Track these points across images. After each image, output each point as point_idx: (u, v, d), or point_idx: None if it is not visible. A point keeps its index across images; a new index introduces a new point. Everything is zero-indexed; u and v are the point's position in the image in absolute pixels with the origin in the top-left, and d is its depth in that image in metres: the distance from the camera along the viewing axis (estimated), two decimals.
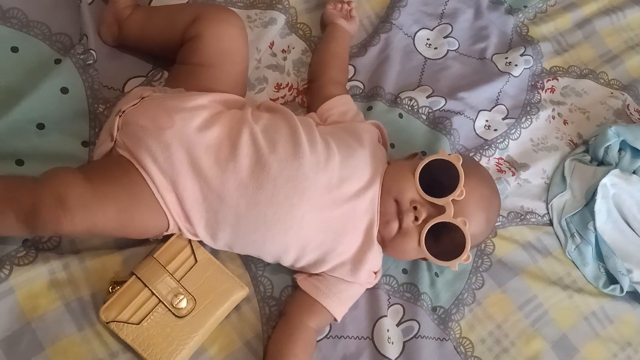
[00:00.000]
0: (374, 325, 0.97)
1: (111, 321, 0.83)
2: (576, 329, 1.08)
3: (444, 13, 1.30)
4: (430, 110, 1.16)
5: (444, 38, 1.27)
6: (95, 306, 0.86)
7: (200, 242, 0.91)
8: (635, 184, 1.17)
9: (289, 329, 0.90)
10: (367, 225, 0.91)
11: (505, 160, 1.20)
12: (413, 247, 0.91)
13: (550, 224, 1.18)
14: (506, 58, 1.28)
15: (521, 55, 1.28)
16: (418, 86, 1.20)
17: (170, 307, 0.86)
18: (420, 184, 0.90)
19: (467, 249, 0.90)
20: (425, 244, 0.90)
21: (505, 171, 1.18)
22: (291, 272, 0.96)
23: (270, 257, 0.92)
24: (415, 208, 0.90)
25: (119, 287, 0.86)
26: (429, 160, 0.91)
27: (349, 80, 1.16)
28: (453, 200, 0.88)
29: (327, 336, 0.95)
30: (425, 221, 0.89)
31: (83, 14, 0.99)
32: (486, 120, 1.21)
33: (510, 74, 1.25)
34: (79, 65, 0.96)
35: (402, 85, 1.19)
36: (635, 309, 1.14)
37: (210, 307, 0.88)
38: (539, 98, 1.28)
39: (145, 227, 0.86)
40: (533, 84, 1.29)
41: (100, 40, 1.01)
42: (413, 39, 1.25)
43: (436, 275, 1.05)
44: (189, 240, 0.90)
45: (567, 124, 1.28)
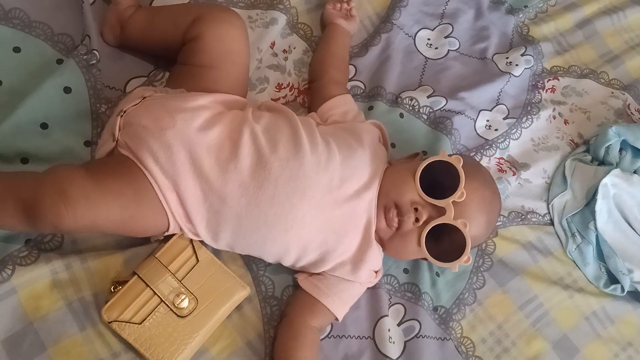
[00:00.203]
0: (375, 325, 0.97)
1: (113, 321, 0.83)
2: (577, 329, 1.08)
3: (445, 13, 1.30)
4: (431, 110, 1.17)
5: (445, 38, 1.28)
6: (97, 306, 0.86)
7: (201, 242, 0.91)
8: (636, 184, 1.17)
9: (294, 332, 0.90)
10: (365, 225, 0.91)
11: (506, 160, 1.20)
12: (413, 248, 0.92)
13: (551, 223, 1.18)
14: (507, 58, 1.28)
15: (522, 55, 1.29)
16: (419, 86, 1.20)
17: (172, 307, 0.86)
18: (421, 185, 0.90)
19: (467, 251, 0.90)
20: (425, 245, 0.90)
21: (506, 171, 1.18)
22: (292, 272, 0.97)
23: (271, 258, 0.92)
24: (416, 209, 0.90)
25: (120, 287, 0.86)
26: (429, 162, 0.91)
27: (350, 80, 1.16)
28: (453, 202, 0.88)
29: (329, 336, 0.95)
30: (426, 222, 0.89)
31: (85, 15, 1.00)
32: (487, 120, 1.21)
33: (511, 73, 1.25)
34: (82, 65, 0.96)
35: (403, 85, 1.19)
36: (636, 309, 1.14)
37: (212, 307, 0.88)
38: (539, 98, 1.28)
39: (146, 225, 0.86)
40: (534, 83, 1.29)
41: (102, 41, 1.01)
42: (414, 39, 1.25)
43: (437, 275, 1.05)
44: (191, 240, 0.90)
45: (568, 123, 1.28)
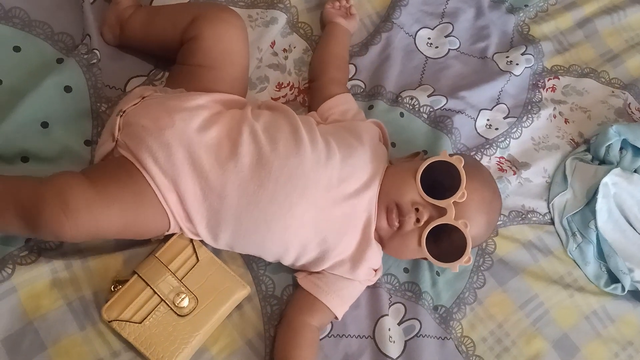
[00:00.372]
0: (376, 324, 0.97)
1: (113, 320, 0.84)
2: (577, 328, 1.08)
3: (445, 12, 1.30)
4: (431, 109, 1.17)
5: (445, 37, 1.27)
6: (97, 305, 0.86)
7: (201, 242, 0.91)
8: (636, 183, 1.17)
9: (293, 331, 0.90)
10: (365, 223, 0.91)
11: (506, 159, 1.20)
12: (413, 248, 0.91)
13: (552, 223, 1.18)
14: (507, 57, 1.28)
15: (522, 54, 1.28)
16: (419, 85, 1.20)
17: (172, 306, 0.86)
18: (422, 185, 0.90)
19: (468, 251, 0.90)
20: (425, 245, 0.90)
21: (506, 170, 1.18)
22: (292, 272, 0.97)
23: (271, 257, 0.92)
24: (417, 210, 0.90)
25: (121, 286, 0.86)
26: (431, 162, 0.91)
27: (350, 79, 1.16)
28: (454, 202, 0.88)
29: (329, 335, 0.95)
30: (427, 223, 0.89)
31: (86, 14, 1.00)
32: (487, 119, 1.21)
33: (512, 73, 1.25)
34: (83, 64, 0.96)
35: (403, 84, 1.19)
36: (637, 309, 1.14)
37: (212, 306, 0.88)
38: (540, 97, 1.28)
39: (147, 227, 0.86)
40: (534, 83, 1.29)
41: (102, 40, 1.01)
42: (414, 38, 1.25)
43: (437, 274, 1.05)
44: (191, 239, 0.90)
45: (568, 123, 1.28)
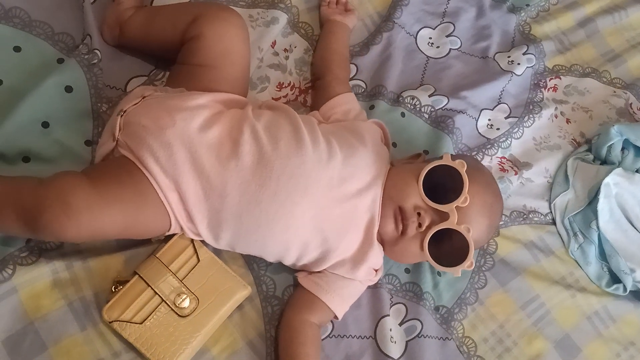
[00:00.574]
0: (377, 325, 0.97)
1: (114, 321, 0.83)
2: (579, 328, 1.08)
3: (446, 12, 1.30)
4: (432, 109, 1.16)
5: (446, 37, 1.27)
6: (98, 306, 0.86)
7: (202, 242, 0.91)
8: (638, 183, 1.17)
9: (294, 331, 0.90)
10: (367, 224, 0.91)
11: (507, 159, 1.20)
12: (415, 252, 0.91)
13: (553, 223, 1.18)
14: (509, 57, 1.28)
15: (524, 54, 1.28)
16: (420, 85, 1.20)
17: (173, 307, 0.86)
18: (424, 189, 0.89)
19: (471, 256, 0.89)
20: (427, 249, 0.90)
21: (507, 170, 1.18)
22: (293, 272, 0.96)
23: (272, 257, 0.92)
24: (419, 214, 0.89)
25: (121, 287, 0.86)
26: (433, 166, 0.90)
27: (351, 79, 1.15)
28: (457, 207, 0.88)
29: (330, 335, 0.95)
30: (429, 227, 0.89)
31: (86, 14, 1.00)
32: (489, 119, 1.21)
33: (513, 72, 1.25)
34: (84, 64, 0.96)
35: (404, 84, 1.19)
36: (638, 309, 1.13)
37: (213, 307, 0.88)
38: (541, 97, 1.27)
39: (148, 227, 0.86)
40: (536, 82, 1.29)
41: (102, 40, 1.01)
42: (415, 38, 1.25)
43: (439, 274, 1.05)
44: (192, 239, 0.90)
45: (570, 122, 1.27)
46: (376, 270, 0.95)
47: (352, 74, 1.16)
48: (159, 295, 0.86)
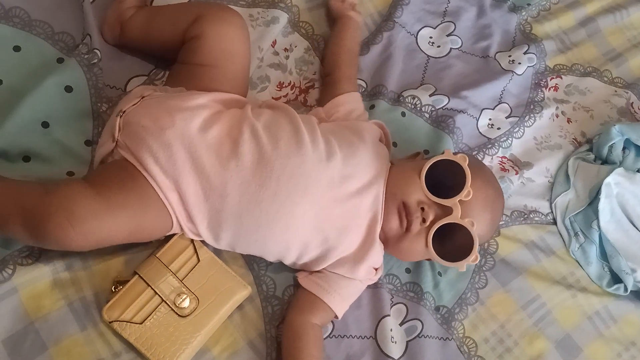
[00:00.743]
0: (377, 325, 0.97)
1: (114, 321, 0.83)
2: (580, 328, 1.08)
3: (447, 11, 1.30)
4: (433, 109, 1.16)
5: (447, 36, 1.27)
6: (98, 306, 0.86)
7: (202, 242, 0.91)
8: (639, 183, 1.16)
9: (297, 333, 0.89)
10: (370, 222, 0.91)
11: (508, 159, 1.20)
12: (420, 249, 0.91)
13: (554, 223, 1.17)
14: (509, 56, 1.28)
15: (525, 53, 1.28)
16: (421, 84, 1.20)
17: (173, 307, 0.86)
18: (426, 185, 0.89)
19: (475, 250, 0.89)
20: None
21: (508, 170, 1.18)
22: (293, 272, 0.96)
23: (272, 256, 0.92)
24: (422, 209, 0.89)
25: (121, 287, 0.86)
26: (435, 161, 0.90)
27: None
28: (460, 201, 0.88)
29: (331, 335, 0.95)
30: (433, 222, 0.89)
31: (86, 14, 0.99)
32: (489, 119, 1.21)
33: (514, 72, 1.25)
34: (84, 64, 0.96)
35: (405, 83, 1.19)
36: (639, 309, 1.13)
37: (213, 307, 0.88)
38: (542, 96, 1.27)
39: (152, 230, 0.86)
40: (537, 82, 1.29)
41: (103, 40, 1.01)
42: (416, 37, 1.25)
43: (439, 274, 1.04)
44: (192, 239, 0.90)
45: (571, 122, 1.27)
46: (376, 269, 0.95)
47: None
48: (159, 295, 0.86)
